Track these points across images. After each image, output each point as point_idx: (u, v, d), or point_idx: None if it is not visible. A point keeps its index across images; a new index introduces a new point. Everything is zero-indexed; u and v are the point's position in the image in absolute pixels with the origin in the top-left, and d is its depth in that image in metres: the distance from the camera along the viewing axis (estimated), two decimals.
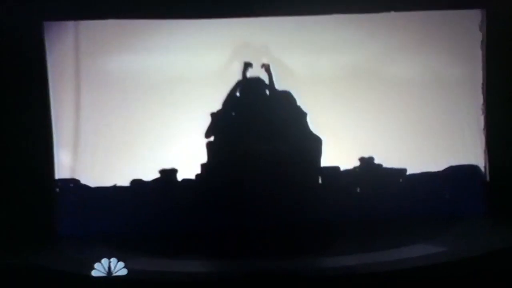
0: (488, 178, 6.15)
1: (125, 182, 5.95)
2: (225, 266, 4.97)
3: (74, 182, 5.93)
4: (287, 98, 6.09)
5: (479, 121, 6.16)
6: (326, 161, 6.12)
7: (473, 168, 6.20)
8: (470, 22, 6.12)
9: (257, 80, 6.15)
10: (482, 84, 6.12)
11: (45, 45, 5.82)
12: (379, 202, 6.06)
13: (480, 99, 6.15)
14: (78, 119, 5.98)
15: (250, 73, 6.13)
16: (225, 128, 6.09)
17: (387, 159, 6.16)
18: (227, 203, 5.93)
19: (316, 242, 5.48)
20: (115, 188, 5.91)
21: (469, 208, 6.12)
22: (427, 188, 6.14)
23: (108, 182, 5.93)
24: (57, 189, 5.88)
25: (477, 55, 6.13)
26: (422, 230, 5.63)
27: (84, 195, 5.90)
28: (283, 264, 4.82)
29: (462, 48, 6.16)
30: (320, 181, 6.11)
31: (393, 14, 6.01)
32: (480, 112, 6.15)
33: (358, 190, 6.12)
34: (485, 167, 6.17)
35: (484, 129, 6.14)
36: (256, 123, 6.09)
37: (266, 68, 6.05)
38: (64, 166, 5.94)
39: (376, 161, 6.15)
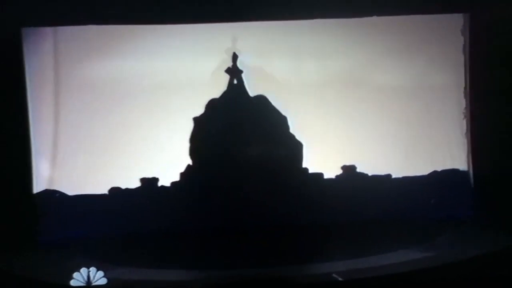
0: (472, 183, 6.13)
1: (104, 190, 5.85)
2: (207, 276, 4.89)
3: (53, 190, 5.82)
4: (269, 103, 6.05)
5: (462, 125, 6.16)
6: (309, 167, 6.06)
7: (457, 173, 6.17)
8: (452, 26, 6.11)
9: (241, 86, 6.11)
10: (465, 88, 6.12)
11: (23, 52, 5.74)
12: (364, 209, 5.98)
13: (463, 104, 6.16)
14: (56, 127, 5.88)
15: (234, 79, 6.09)
16: (208, 133, 6.01)
17: (371, 165, 6.10)
18: (208, 210, 5.85)
19: (300, 248, 5.40)
20: (95, 196, 5.80)
21: (453, 213, 6.07)
22: (411, 193, 6.07)
23: (88, 190, 5.82)
24: (36, 197, 5.77)
25: (459, 59, 6.13)
26: (407, 236, 5.59)
27: (64, 203, 5.79)
28: (264, 271, 4.76)
29: (444, 53, 6.14)
30: (303, 187, 6.01)
31: (375, 18, 5.99)
32: (463, 116, 6.16)
33: (342, 196, 6.00)
34: (468, 172, 6.16)
35: (466, 133, 6.14)
36: (239, 128, 6.04)
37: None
38: (43, 174, 5.84)
39: (360, 168, 6.09)
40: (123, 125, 5.91)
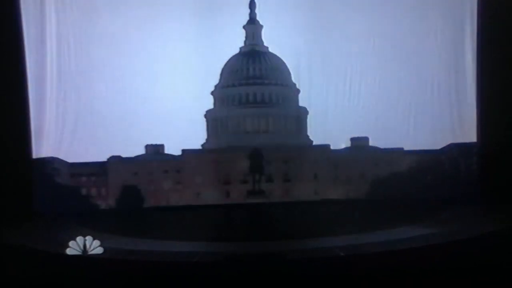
0: (481, 157, 5.96)
1: (103, 159, 5.80)
2: (202, 247, 4.85)
3: (52, 160, 5.72)
4: (284, 69, 5.95)
5: (472, 97, 5.95)
6: (317, 138, 5.99)
7: (466, 147, 5.99)
8: None
9: (254, 52, 6.02)
10: (477, 57, 5.90)
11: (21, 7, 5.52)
12: (371, 183, 5.87)
13: (474, 74, 5.94)
14: (57, 91, 5.73)
15: (251, 35, 6.06)
16: (221, 94, 6.02)
17: (377, 138, 5.98)
18: (209, 182, 5.77)
19: (301, 224, 5.32)
20: (94, 164, 5.74)
21: (461, 189, 5.90)
22: (418, 169, 5.93)
23: (86, 160, 5.74)
24: (35, 163, 5.65)
25: (471, 27, 5.88)
26: (413, 212, 5.48)
27: (61, 173, 5.72)
28: (269, 246, 4.70)
29: (456, 21, 5.89)
30: (311, 159, 5.94)
31: None
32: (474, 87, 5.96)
33: (350, 170, 5.91)
34: (477, 146, 5.99)
35: (476, 106, 5.93)
36: (251, 93, 5.94)
37: None
38: (41, 143, 5.70)
39: (370, 140, 6.00)
40: (126, 91, 5.79)
